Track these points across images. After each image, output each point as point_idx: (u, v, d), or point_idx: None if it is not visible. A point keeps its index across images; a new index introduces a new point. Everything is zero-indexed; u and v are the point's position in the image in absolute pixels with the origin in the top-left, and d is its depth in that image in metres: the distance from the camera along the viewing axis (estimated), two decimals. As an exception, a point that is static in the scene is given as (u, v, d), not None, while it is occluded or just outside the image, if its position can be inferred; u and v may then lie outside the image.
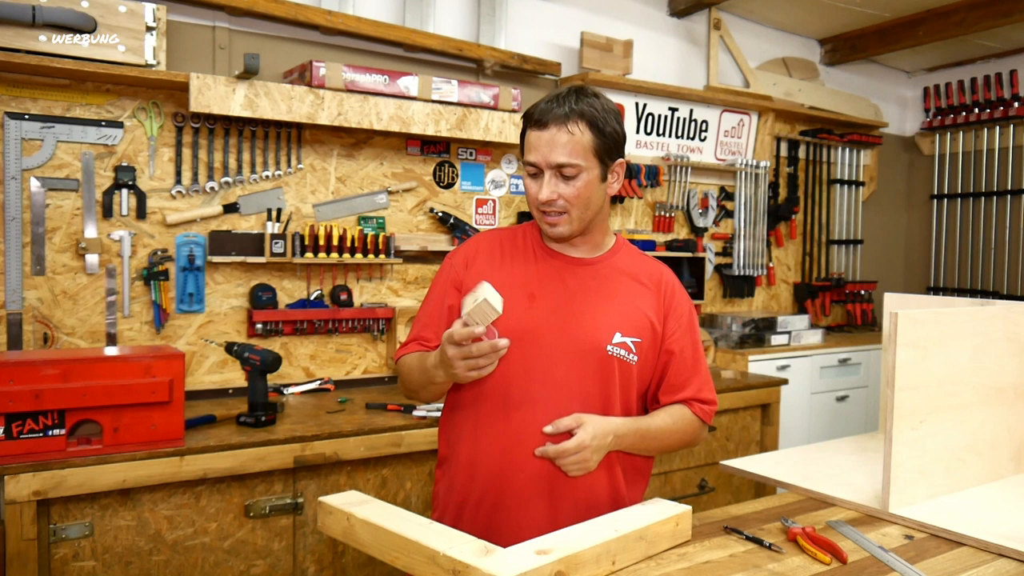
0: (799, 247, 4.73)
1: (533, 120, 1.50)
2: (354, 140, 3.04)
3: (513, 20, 3.47)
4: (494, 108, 3.10)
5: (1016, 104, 4.69)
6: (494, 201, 3.42)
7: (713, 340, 3.83)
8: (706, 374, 1.65)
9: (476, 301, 1.36)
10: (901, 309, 1.66)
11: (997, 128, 4.83)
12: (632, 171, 3.76)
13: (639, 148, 3.89)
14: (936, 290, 5.18)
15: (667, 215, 3.99)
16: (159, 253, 2.66)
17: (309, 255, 2.86)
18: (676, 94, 3.91)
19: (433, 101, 2.95)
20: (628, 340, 1.54)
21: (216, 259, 2.73)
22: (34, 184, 2.47)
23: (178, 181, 2.70)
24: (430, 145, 3.21)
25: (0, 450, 1.91)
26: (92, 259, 2.56)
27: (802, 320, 4.11)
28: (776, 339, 3.93)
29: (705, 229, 4.15)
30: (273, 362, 2.38)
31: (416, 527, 1.31)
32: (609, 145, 1.51)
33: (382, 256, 3.02)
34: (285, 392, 2.81)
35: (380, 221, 3.10)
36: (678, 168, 3.98)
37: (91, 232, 2.56)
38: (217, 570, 2.18)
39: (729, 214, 4.26)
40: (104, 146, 2.58)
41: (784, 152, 4.56)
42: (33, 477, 1.89)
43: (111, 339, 2.60)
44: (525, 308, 1.55)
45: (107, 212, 2.59)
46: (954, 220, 5.11)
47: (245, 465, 2.16)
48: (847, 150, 4.84)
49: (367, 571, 2.41)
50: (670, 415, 1.59)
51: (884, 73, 5.19)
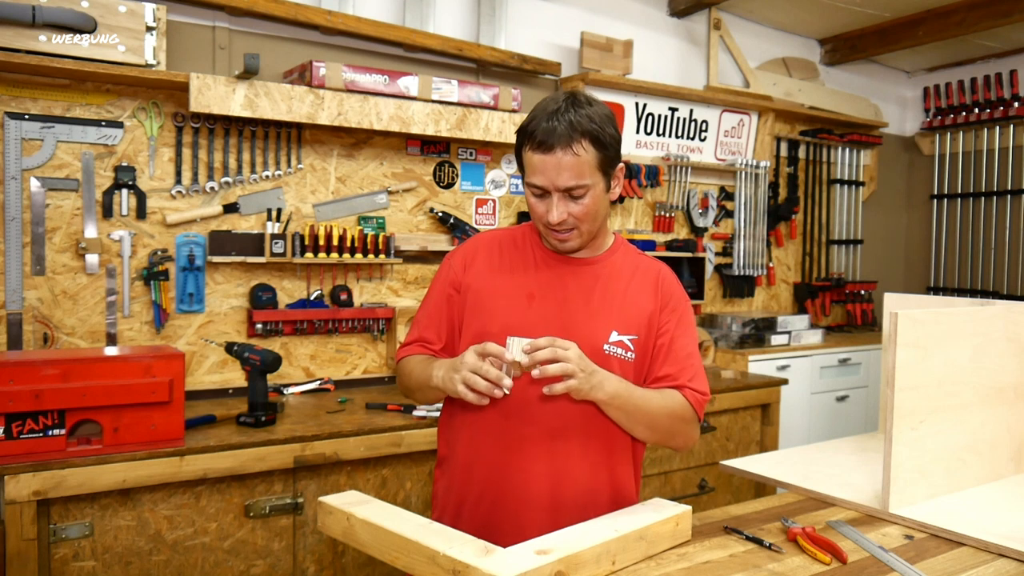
0: (799, 247, 4.73)
1: (536, 142, 1.45)
2: (354, 140, 3.04)
3: (513, 20, 3.47)
4: (494, 108, 3.10)
5: (1016, 104, 4.69)
6: (494, 201, 3.42)
7: (713, 340, 3.83)
8: (699, 368, 1.60)
9: (511, 352, 1.39)
10: (901, 309, 1.66)
11: (997, 128, 4.83)
12: (632, 171, 3.76)
13: (639, 148, 3.89)
14: (936, 290, 5.17)
15: (667, 215, 3.99)
16: (159, 253, 2.66)
17: (309, 255, 2.86)
18: (676, 94, 3.92)
19: (433, 101, 2.95)
20: (625, 338, 1.54)
21: (216, 259, 2.73)
22: (34, 184, 2.47)
23: (178, 181, 2.70)
24: (430, 145, 3.21)
25: (0, 450, 1.91)
26: (92, 259, 2.56)
27: (802, 320, 4.11)
28: (776, 339, 3.94)
29: (705, 229, 4.15)
30: (273, 362, 2.38)
31: (416, 527, 1.31)
32: (611, 155, 1.49)
33: (382, 256, 3.02)
34: (285, 392, 2.81)
35: (380, 221, 3.10)
36: (678, 168, 3.98)
37: (91, 232, 2.56)
38: (217, 570, 2.18)
39: (729, 214, 4.26)
40: (104, 146, 2.58)
41: (784, 152, 4.56)
42: (33, 477, 1.89)
43: (111, 339, 2.60)
44: (524, 308, 1.55)
45: (107, 212, 2.59)
46: (954, 220, 5.11)
47: (245, 465, 2.16)
48: (847, 150, 4.84)
49: (367, 571, 2.41)
50: (659, 392, 1.54)
51: (884, 73, 5.19)
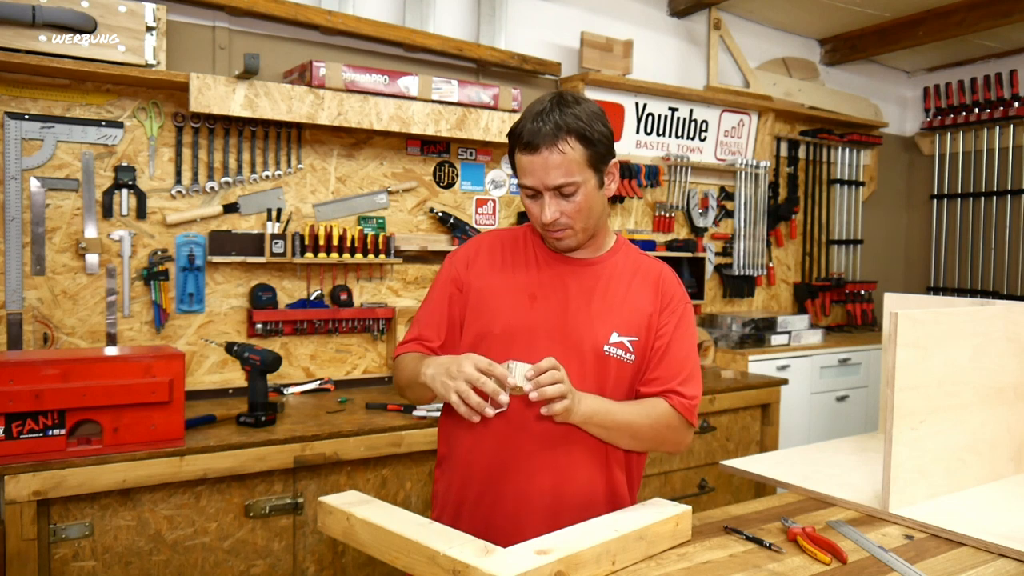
0: (799, 247, 4.73)
1: (522, 143, 1.47)
2: (354, 140, 3.04)
3: (513, 20, 3.47)
4: (494, 108, 3.10)
5: (1016, 104, 4.69)
6: (494, 201, 3.42)
7: (713, 340, 3.83)
8: (693, 371, 1.58)
9: (514, 377, 1.37)
10: (901, 309, 1.66)
11: (997, 128, 4.83)
12: (632, 171, 3.76)
13: (639, 148, 3.89)
14: (936, 290, 5.17)
15: (667, 215, 3.99)
16: (159, 253, 2.66)
17: (309, 255, 2.86)
18: (676, 94, 3.91)
19: (433, 101, 2.95)
20: (625, 340, 1.54)
21: (216, 259, 2.73)
22: (34, 184, 2.47)
23: (178, 181, 2.70)
24: (430, 145, 3.21)
25: (0, 450, 1.91)
26: (92, 259, 2.56)
27: (802, 320, 4.11)
28: (776, 339, 3.94)
29: (705, 229, 4.15)
30: (273, 362, 2.38)
31: (416, 527, 1.31)
32: (601, 152, 1.49)
33: (382, 256, 3.02)
34: (285, 392, 2.81)
35: (380, 221, 3.10)
36: (678, 168, 3.98)
37: (91, 232, 2.56)
38: (217, 570, 2.18)
39: (729, 214, 4.26)
40: (104, 146, 2.58)
41: (784, 152, 4.56)
42: (33, 477, 1.89)
43: (111, 339, 2.60)
44: (526, 309, 1.55)
45: (107, 212, 2.59)
46: (954, 220, 5.11)
47: (245, 465, 2.16)
48: (847, 150, 4.84)
49: (367, 571, 2.41)
50: (640, 403, 1.54)
51: (884, 73, 5.19)
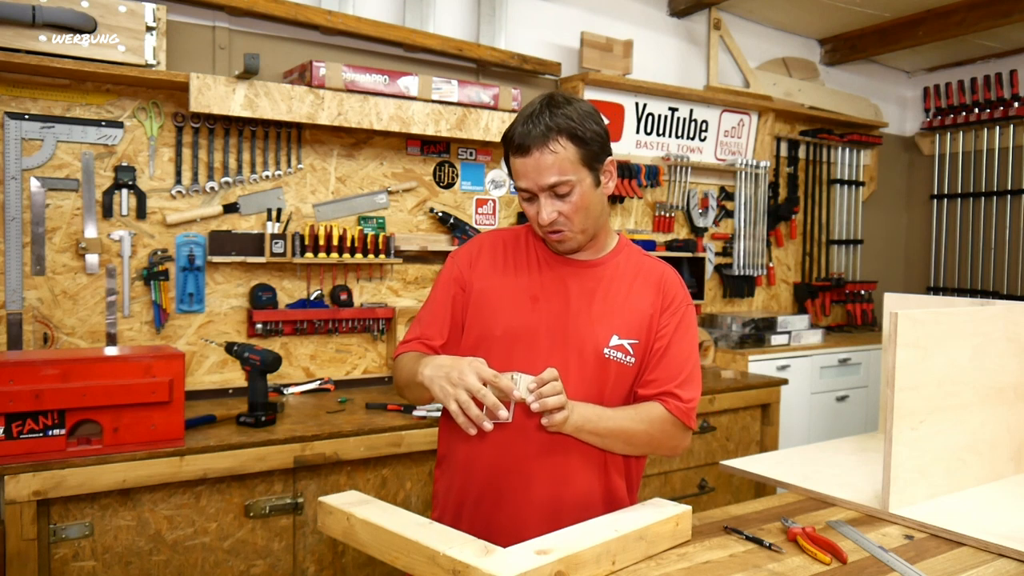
0: (799, 247, 4.73)
1: (514, 146, 1.47)
2: (354, 140, 3.04)
3: (513, 20, 3.47)
4: (494, 108, 3.10)
5: (1016, 104, 4.69)
6: (494, 201, 3.42)
7: (713, 340, 3.83)
8: (692, 373, 1.56)
9: (519, 389, 1.37)
10: (901, 309, 1.66)
11: (997, 128, 4.83)
12: (632, 171, 3.76)
13: (639, 148, 3.89)
14: (936, 290, 5.17)
15: (667, 215, 3.99)
16: (159, 253, 2.66)
17: (309, 255, 2.86)
18: (676, 94, 3.91)
19: (433, 101, 2.95)
20: (625, 343, 1.54)
21: (216, 259, 2.73)
22: (34, 184, 2.47)
23: (178, 181, 2.70)
24: (430, 145, 3.21)
25: (0, 450, 1.91)
26: (92, 259, 2.56)
27: (802, 320, 4.11)
28: (776, 339, 3.93)
29: (705, 229, 4.15)
30: (273, 362, 2.38)
31: (416, 527, 1.31)
32: (595, 150, 1.48)
33: (382, 256, 3.02)
34: (285, 392, 2.81)
35: (380, 221, 3.10)
36: (678, 168, 3.98)
37: (91, 232, 2.56)
38: (217, 570, 2.18)
39: (729, 214, 4.26)
40: (104, 146, 2.58)
41: (784, 152, 4.56)
42: (33, 477, 1.89)
43: (111, 339, 2.60)
44: (528, 311, 1.55)
45: (107, 212, 2.59)
46: (954, 220, 5.11)
47: (245, 465, 2.16)
48: (847, 150, 4.84)
49: (367, 571, 2.41)
50: (635, 408, 1.53)
51: (884, 73, 5.19)
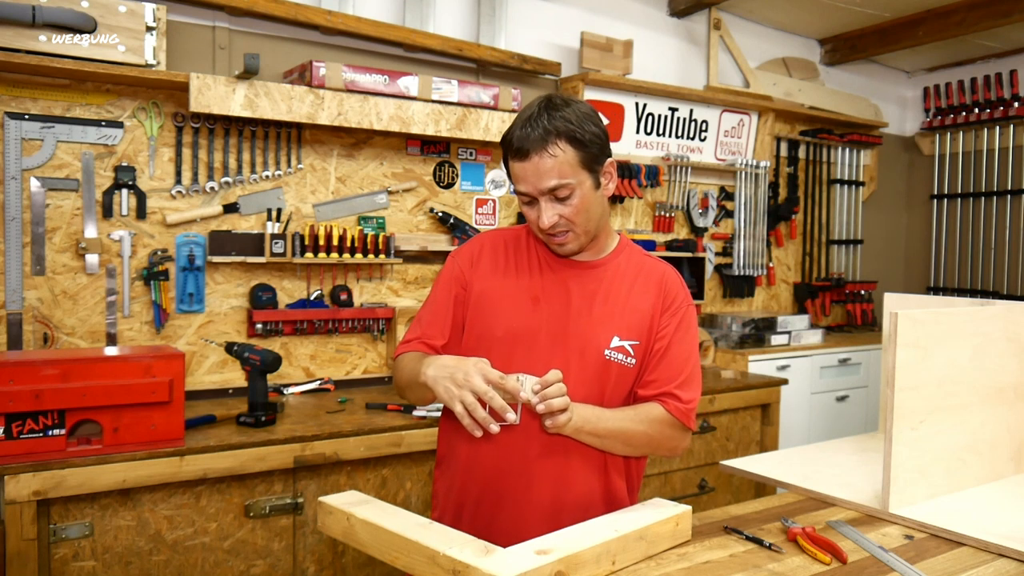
0: (799, 247, 4.73)
1: (513, 149, 1.47)
2: (354, 140, 3.04)
3: (513, 20, 3.47)
4: (494, 108, 3.10)
5: (1016, 104, 4.69)
6: (494, 201, 3.42)
7: (713, 340, 3.83)
8: (691, 375, 1.56)
9: (525, 391, 1.37)
10: (901, 309, 1.66)
11: (997, 128, 4.83)
12: (632, 171, 3.76)
13: (639, 148, 3.89)
14: (936, 290, 5.17)
15: (667, 215, 3.99)
16: (159, 253, 2.66)
17: (309, 255, 2.86)
18: (676, 94, 3.91)
19: (433, 101, 2.95)
20: (626, 344, 1.53)
21: (216, 259, 2.73)
22: (34, 184, 2.47)
23: (178, 181, 2.70)
24: (430, 145, 3.21)
25: (0, 450, 1.91)
26: (92, 259, 2.56)
27: (802, 320, 4.11)
28: (776, 339, 3.93)
29: (705, 229, 4.15)
30: (273, 362, 2.38)
31: (416, 527, 1.31)
32: (594, 152, 1.48)
33: (382, 256, 3.02)
34: (285, 392, 2.81)
35: (380, 221, 3.10)
36: (678, 168, 3.98)
37: (91, 232, 2.56)
38: (217, 570, 2.18)
39: (729, 214, 4.26)
40: (104, 146, 2.58)
41: (784, 152, 4.56)
42: (33, 477, 1.89)
43: (111, 339, 2.60)
44: (529, 312, 1.55)
45: (107, 212, 2.59)
46: (954, 220, 5.11)
47: (245, 465, 2.16)
48: (847, 150, 4.84)
49: (367, 571, 2.41)
50: (634, 409, 1.53)
51: (884, 73, 5.19)
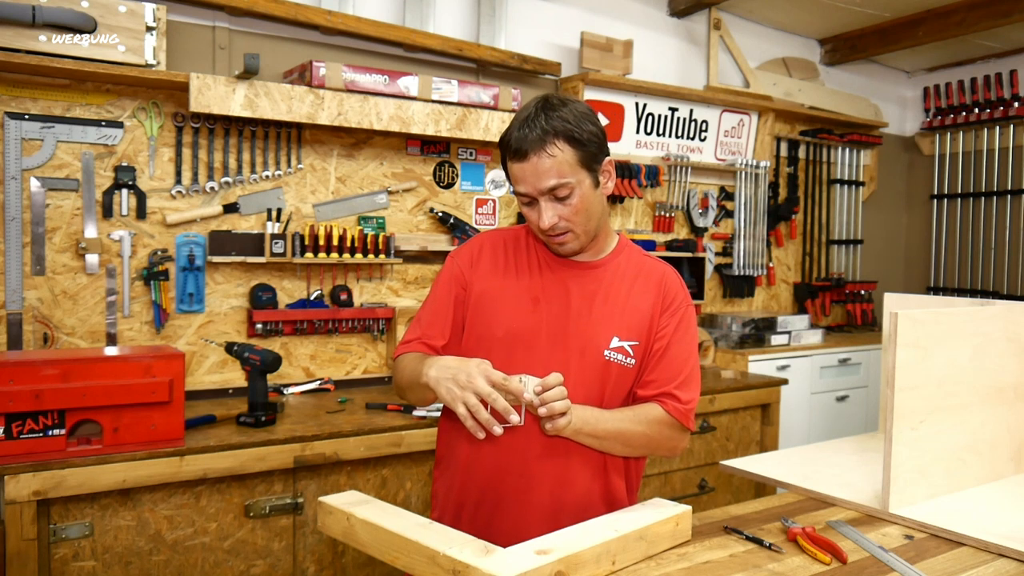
0: (799, 247, 4.73)
1: (511, 151, 1.47)
2: (354, 140, 3.04)
3: (513, 20, 3.47)
4: (494, 108, 3.10)
5: (1016, 104, 4.69)
6: (494, 201, 3.42)
7: (713, 340, 3.83)
8: (691, 375, 1.56)
9: (528, 393, 1.37)
10: (901, 309, 1.66)
11: (997, 128, 4.83)
12: (632, 171, 3.76)
13: (639, 148, 3.89)
14: (936, 290, 5.17)
15: (667, 215, 3.99)
16: (159, 253, 2.66)
17: (309, 255, 2.86)
18: (676, 94, 3.91)
19: (433, 101, 2.95)
20: (626, 344, 1.53)
21: (216, 259, 2.73)
22: (34, 184, 2.47)
23: (178, 181, 2.70)
24: (430, 145, 3.21)
25: (0, 450, 1.91)
26: (92, 259, 2.56)
27: (802, 320, 4.11)
28: (776, 339, 3.93)
29: (705, 229, 4.15)
30: (273, 362, 2.38)
31: (416, 527, 1.31)
32: (592, 151, 1.48)
33: (382, 256, 3.02)
34: (285, 392, 2.81)
35: (380, 221, 3.10)
36: (678, 168, 3.98)
37: (91, 232, 2.56)
38: (217, 570, 2.18)
39: (729, 214, 4.26)
40: (104, 146, 2.58)
41: (784, 152, 4.56)
42: (33, 477, 1.89)
43: (111, 339, 2.60)
44: (529, 312, 1.55)
45: (107, 212, 2.59)
46: (954, 220, 5.11)
47: (245, 465, 2.16)
48: (847, 150, 4.84)
49: (367, 571, 2.41)
50: (633, 410, 1.53)
51: (884, 73, 5.19)
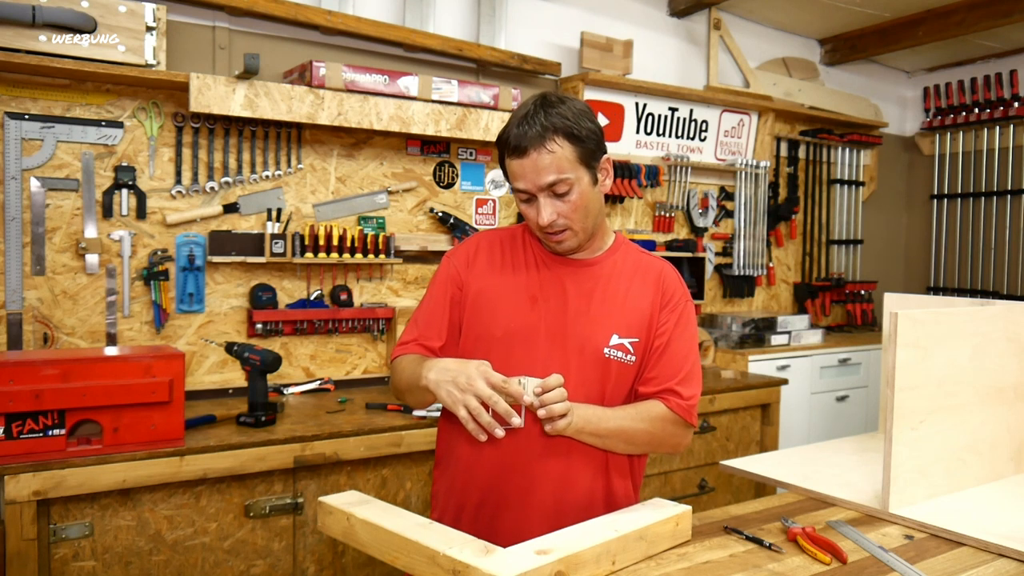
0: (799, 247, 4.73)
1: (510, 148, 1.47)
2: (354, 140, 3.04)
3: (513, 20, 3.47)
4: (494, 108, 3.10)
5: (1016, 104, 4.69)
6: (494, 201, 3.42)
7: (713, 340, 3.82)
8: (692, 371, 1.56)
9: (528, 395, 1.37)
10: (901, 309, 1.66)
11: (997, 128, 4.83)
12: (632, 171, 3.76)
13: (639, 148, 3.89)
14: (936, 290, 5.17)
15: (667, 215, 3.99)
16: (159, 253, 2.66)
17: (309, 255, 2.86)
18: (676, 94, 3.91)
19: (433, 101, 2.95)
20: (625, 341, 1.54)
21: (216, 259, 2.73)
22: (34, 184, 2.47)
23: (178, 181, 2.70)
24: (430, 145, 3.21)
25: (0, 450, 1.91)
26: (92, 259, 2.56)
27: (802, 320, 4.11)
28: (776, 339, 3.93)
29: (705, 229, 4.15)
30: (273, 362, 2.38)
31: (416, 527, 1.31)
32: (591, 148, 1.48)
33: (382, 256, 3.02)
34: (285, 392, 2.81)
35: (380, 221, 3.10)
36: (678, 168, 3.98)
37: (91, 232, 2.56)
38: (217, 570, 2.18)
39: (729, 214, 4.26)
40: (104, 146, 2.58)
41: (784, 152, 4.56)
42: (33, 477, 1.89)
43: (111, 339, 2.60)
44: (527, 311, 1.55)
45: (107, 212, 2.59)
46: (954, 220, 5.11)
47: (245, 465, 2.16)
48: (847, 150, 4.84)
49: (367, 571, 2.41)
50: (635, 407, 1.53)
51: (884, 73, 5.19)
